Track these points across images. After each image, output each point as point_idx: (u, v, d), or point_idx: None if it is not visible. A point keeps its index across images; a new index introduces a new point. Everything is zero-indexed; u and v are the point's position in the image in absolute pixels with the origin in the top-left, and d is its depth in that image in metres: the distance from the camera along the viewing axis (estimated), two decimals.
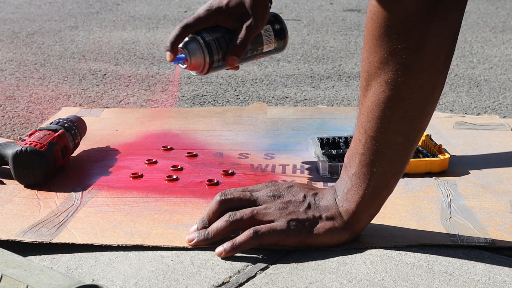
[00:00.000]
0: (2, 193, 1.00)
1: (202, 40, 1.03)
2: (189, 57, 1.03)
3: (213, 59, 1.04)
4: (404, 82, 0.74)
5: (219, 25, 1.07)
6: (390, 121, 0.76)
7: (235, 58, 1.06)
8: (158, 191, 1.02)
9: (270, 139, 1.26)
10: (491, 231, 0.87)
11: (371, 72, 0.76)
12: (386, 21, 0.72)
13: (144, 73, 1.89)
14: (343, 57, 2.12)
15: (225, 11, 1.06)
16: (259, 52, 1.13)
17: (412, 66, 0.73)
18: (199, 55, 1.03)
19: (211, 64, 1.04)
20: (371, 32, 0.74)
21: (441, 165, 1.08)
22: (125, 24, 2.69)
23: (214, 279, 0.76)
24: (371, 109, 0.76)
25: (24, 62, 2.02)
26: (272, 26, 1.12)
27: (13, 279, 0.66)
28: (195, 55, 1.03)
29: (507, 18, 2.84)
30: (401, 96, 0.75)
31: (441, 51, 0.74)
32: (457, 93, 1.70)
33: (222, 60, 1.06)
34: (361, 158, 0.79)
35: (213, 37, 1.04)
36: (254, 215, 0.82)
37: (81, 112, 1.42)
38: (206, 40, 1.03)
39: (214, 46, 1.04)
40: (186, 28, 1.03)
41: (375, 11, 0.73)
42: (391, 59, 0.73)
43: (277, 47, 1.14)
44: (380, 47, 0.74)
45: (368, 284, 0.74)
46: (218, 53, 1.04)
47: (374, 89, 0.76)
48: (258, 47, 1.11)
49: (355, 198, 0.80)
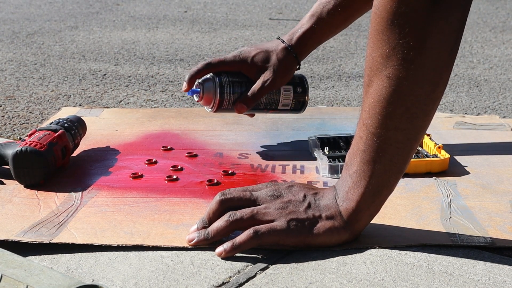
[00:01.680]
0: (2, 193, 1.00)
1: (218, 81, 1.12)
2: (202, 93, 1.12)
3: (223, 102, 1.12)
4: (405, 77, 0.74)
5: (242, 72, 1.15)
6: (391, 118, 0.76)
7: (244, 106, 1.13)
8: (158, 191, 1.02)
9: (270, 139, 1.26)
10: (491, 231, 0.87)
11: (373, 67, 0.76)
12: (390, 15, 0.72)
13: (144, 73, 1.89)
14: (343, 57, 2.12)
15: (250, 62, 1.14)
16: (273, 107, 1.19)
17: (413, 61, 0.73)
18: (212, 95, 1.12)
19: (220, 104, 1.13)
20: (375, 27, 0.75)
21: (441, 165, 1.08)
22: (125, 24, 2.69)
23: (214, 279, 0.76)
24: (373, 105, 0.77)
25: (24, 62, 2.02)
26: (294, 87, 1.18)
27: (13, 279, 0.66)
28: (208, 92, 1.12)
29: (507, 18, 2.84)
30: (402, 92, 0.75)
31: (443, 48, 0.74)
32: (457, 93, 1.70)
33: (232, 105, 1.13)
34: (362, 155, 0.79)
35: (230, 80, 1.13)
36: (254, 214, 0.82)
37: (81, 112, 1.42)
38: (222, 81, 1.12)
39: (228, 89, 1.12)
40: (208, 66, 1.13)
41: (379, 6, 0.73)
42: (393, 54, 0.74)
43: (294, 108, 1.20)
44: (383, 41, 0.74)
45: (368, 284, 0.74)
46: (229, 98, 1.13)
47: (376, 85, 0.76)
48: (273, 103, 1.17)
49: (356, 196, 0.80)
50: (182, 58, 2.09)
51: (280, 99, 1.17)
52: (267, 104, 1.17)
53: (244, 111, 1.14)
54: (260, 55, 1.14)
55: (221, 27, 2.66)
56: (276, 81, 1.14)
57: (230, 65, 1.14)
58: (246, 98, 1.13)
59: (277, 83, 1.15)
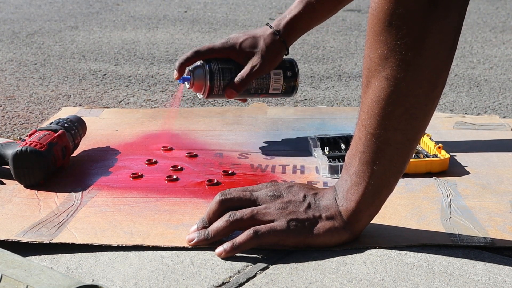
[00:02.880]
0: (2, 193, 1.00)
1: (208, 68, 1.15)
2: (193, 80, 1.15)
3: (213, 88, 1.15)
4: (403, 78, 0.74)
5: (231, 58, 1.17)
6: (390, 118, 0.76)
7: (233, 92, 1.16)
8: (158, 191, 1.02)
9: (270, 139, 1.26)
10: (491, 231, 0.87)
11: (371, 68, 0.76)
12: (387, 17, 0.72)
13: (144, 73, 1.89)
14: (343, 57, 2.12)
15: (238, 48, 1.16)
16: (264, 92, 1.21)
17: (411, 62, 0.73)
18: (202, 81, 1.15)
19: (210, 90, 1.15)
20: (372, 28, 0.74)
21: (441, 165, 1.08)
22: (125, 24, 2.69)
23: (214, 279, 0.76)
24: (371, 106, 0.77)
25: (24, 62, 2.02)
26: (284, 71, 1.20)
27: (13, 279, 0.66)
28: (198, 79, 1.15)
29: (507, 18, 2.84)
30: (401, 93, 0.75)
31: (442, 48, 0.74)
32: (457, 93, 1.70)
33: (223, 90, 1.16)
34: (361, 156, 0.79)
35: (219, 67, 1.15)
36: (254, 215, 0.82)
37: (81, 112, 1.42)
38: (212, 68, 1.15)
39: (217, 75, 1.15)
40: (197, 53, 1.15)
41: (376, 7, 0.73)
42: (391, 55, 0.73)
43: (285, 91, 1.22)
44: (381, 42, 0.74)
45: (368, 284, 0.74)
46: (219, 84, 1.15)
47: (374, 86, 0.76)
48: (263, 87, 1.20)
49: (355, 196, 0.80)
50: None
51: (271, 83, 1.19)
52: (258, 88, 1.19)
53: (234, 96, 1.17)
54: (248, 41, 1.16)
55: (221, 27, 2.66)
56: (264, 66, 1.16)
57: (219, 52, 1.16)
58: (235, 84, 1.15)
59: (265, 68, 1.17)
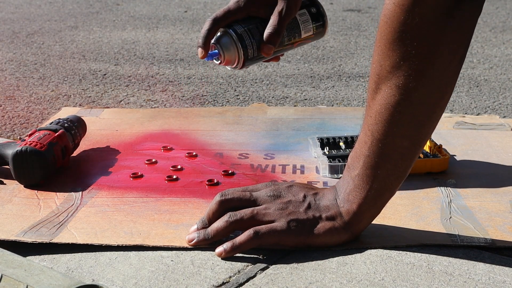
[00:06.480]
0: (2, 193, 1.00)
1: (234, 33, 0.98)
2: (222, 52, 0.99)
3: (248, 52, 1.00)
4: (415, 87, 0.74)
5: (251, 16, 1.01)
6: (398, 125, 0.76)
7: (270, 46, 1.00)
8: (158, 191, 1.02)
9: (270, 139, 1.26)
10: (491, 231, 0.87)
11: (381, 75, 0.75)
12: (402, 26, 0.72)
13: (144, 73, 1.89)
14: (343, 57, 2.12)
15: (256, 1, 1.01)
16: (297, 39, 1.06)
17: (424, 72, 0.73)
18: (233, 50, 0.99)
19: (246, 58, 1.00)
20: (385, 36, 0.74)
21: (441, 165, 1.08)
22: (125, 24, 2.69)
23: (214, 279, 0.76)
24: (380, 112, 0.76)
25: (24, 62, 2.02)
26: (308, 10, 1.06)
27: (13, 279, 0.66)
28: (228, 50, 0.99)
29: (507, 18, 2.84)
30: (411, 101, 0.75)
31: (454, 58, 0.74)
32: (457, 93, 1.70)
33: (258, 51, 1.01)
34: (366, 160, 0.79)
35: (245, 28, 1.00)
36: (254, 215, 0.82)
37: (81, 112, 1.42)
38: (238, 32, 0.99)
39: (248, 38, 0.99)
40: (215, 21, 0.98)
41: (390, 15, 0.73)
42: (404, 64, 0.73)
43: (316, 32, 1.08)
44: (393, 51, 0.73)
45: (368, 284, 0.74)
46: (252, 44, 1.00)
47: (384, 92, 0.75)
48: (295, 33, 1.05)
49: (357, 199, 0.80)
50: (182, 58, 2.09)
51: (301, 26, 1.05)
52: (290, 37, 1.05)
53: (271, 51, 1.01)
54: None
55: None
56: (291, 7, 1.02)
57: (237, 13, 1.01)
58: (269, 37, 1.00)
59: (293, 9, 1.02)
